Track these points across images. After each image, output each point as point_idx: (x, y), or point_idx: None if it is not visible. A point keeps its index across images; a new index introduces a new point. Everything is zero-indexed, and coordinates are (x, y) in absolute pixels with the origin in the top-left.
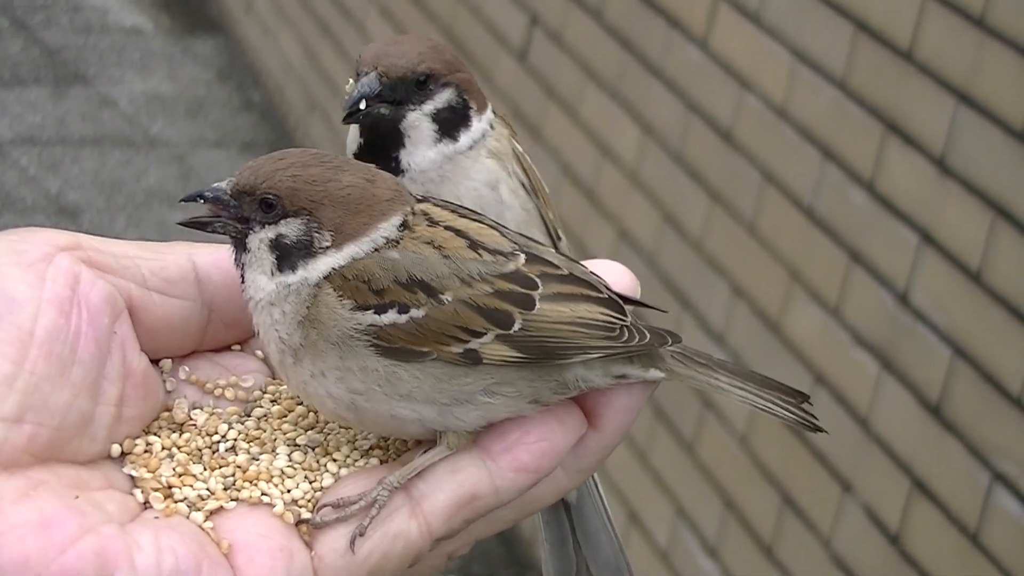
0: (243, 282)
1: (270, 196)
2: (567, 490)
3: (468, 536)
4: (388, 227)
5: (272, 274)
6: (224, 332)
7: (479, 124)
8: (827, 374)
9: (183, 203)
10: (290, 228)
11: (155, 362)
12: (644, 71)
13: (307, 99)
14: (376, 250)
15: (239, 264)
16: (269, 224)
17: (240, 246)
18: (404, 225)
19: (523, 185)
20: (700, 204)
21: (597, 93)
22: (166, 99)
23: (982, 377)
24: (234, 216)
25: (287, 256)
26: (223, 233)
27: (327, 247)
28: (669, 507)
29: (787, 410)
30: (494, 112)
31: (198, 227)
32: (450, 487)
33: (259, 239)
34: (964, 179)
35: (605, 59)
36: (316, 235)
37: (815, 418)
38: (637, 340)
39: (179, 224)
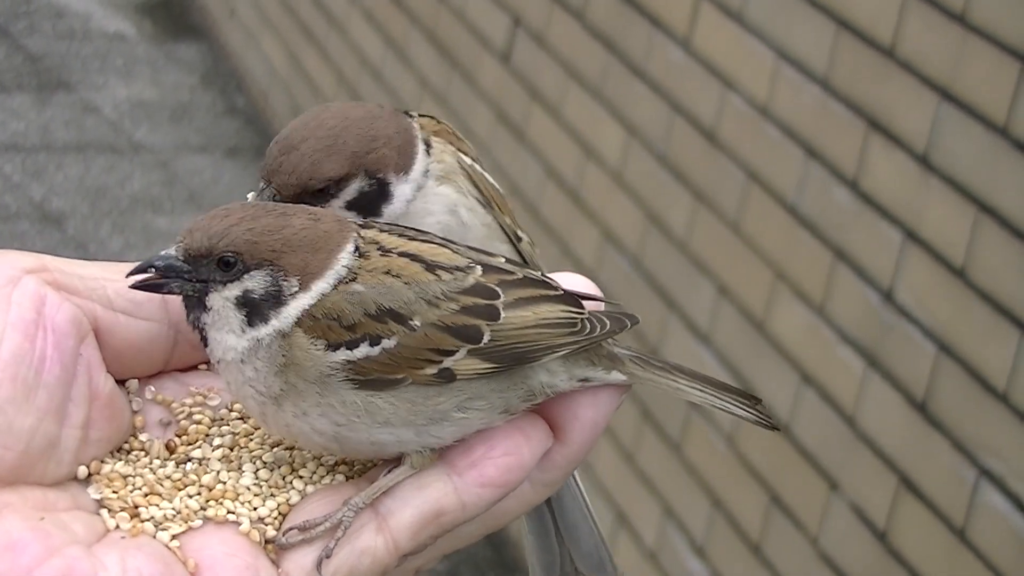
0: (204, 343)
1: (229, 255)
2: (533, 504)
3: (435, 551)
4: (345, 256)
5: (242, 331)
6: (190, 352)
7: (405, 186)
8: (813, 373)
9: (132, 276)
10: (255, 282)
11: (121, 382)
12: (627, 72)
13: (291, 103)
14: (341, 281)
15: (197, 325)
16: (231, 282)
17: (198, 306)
18: (357, 251)
19: (479, 201)
20: (684, 204)
21: (580, 94)
22: (150, 105)
23: (967, 374)
24: (189, 278)
25: (256, 310)
26: (178, 293)
27: (296, 291)
28: (657, 507)
29: (744, 409)
30: (432, 134)
31: (151, 290)
32: (416, 503)
33: (222, 298)
34: (947, 176)
35: (588, 60)
36: (283, 283)
37: (770, 418)
38: (599, 330)
39: (131, 288)
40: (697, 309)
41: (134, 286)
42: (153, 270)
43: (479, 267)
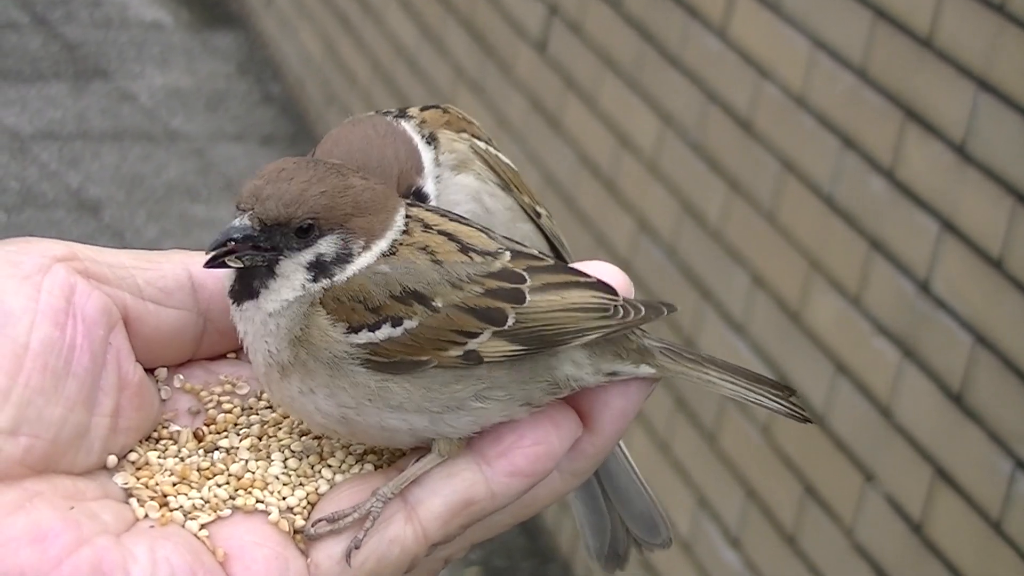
0: (252, 298)
1: (307, 221)
2: (563, 494)
3: (464, 540)
4: (400, 219)
5: (303, 288)
6: (219, 341)
7: (430, 182)
8: (848, 363)
9: (212, 253)
10: (328, 246)
11: (150, 371)
12: (662, 61)
13: (326, 92)
14: (394, 243)
15: (261, 286)
16: (306, 248)
17: (265, 273)
18: (407, 218)
19: (498, 185)
20: (719, 193)
21: (616, 83)
22: (186, 93)
23: (1004, 364)
24: (263, 247)
25: (324, 269)
26: (250, 265)
27: (361, 251)
28: (691, 497)
29: (776, 402)
30: (443, 126)
31: (223, 267)
32: (446, 492)
33: (295, 264)
34: (984, 166)
35: (624, 49)
36: (353, 245)
37: (803, 410)
38: (634, 315)
39: (206, 266)
40: (732, 299)
41: (209, 265)
42: (233, 243)
43: (508, 252)
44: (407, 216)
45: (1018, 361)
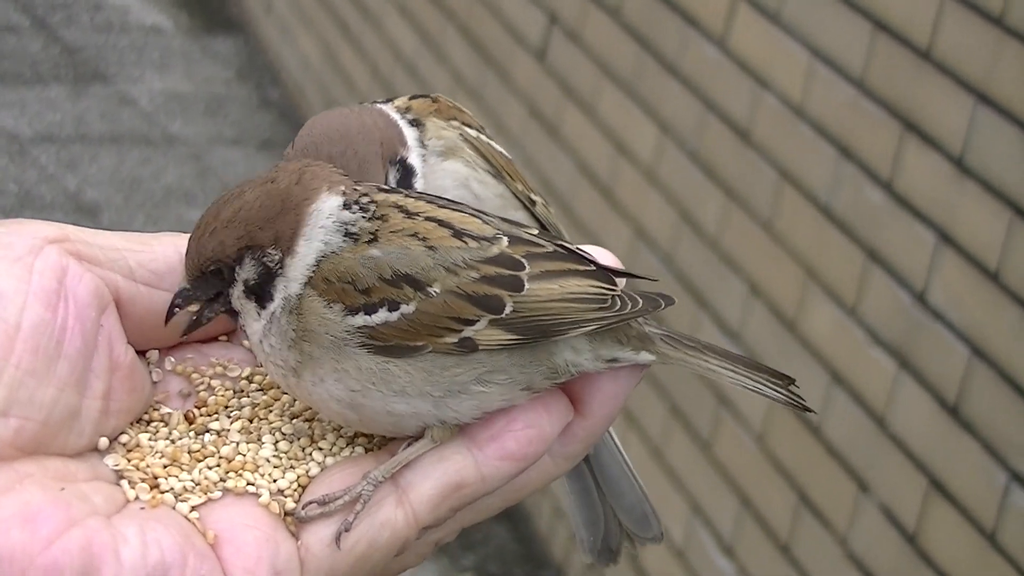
0: (247, 336)
1: (211, 265)
2: (554, 477)
3: (455, 524)
4: (325, 207)
5: (259, 315)
6: (211, 323)
7: (418, 159)
8: (844, 373)
9: (169, 324)
10: (245, 272)
11: (142, 353)
12: (661, 70)
13: (325, 98)
14: (344, 234)
15: (241, 327)
16: (232, 283)
17: (232, 314)
18: (352, 203)
19: (488, 172)
20: (717, 202)
21: (614, 92)
22: (185, 97)
23: (999, 376)
24: (211, 298)
25: (262, 292)
26: (217, 315)
27: (281, 259)
28: (685, 505)
29: (776, 390)
30: (432, 113)
31: (195, 327)
32: (436, 476)
33: (235, 298)
34: (982, 178)
35: (622, 58)
36: (266, 259)
37: (803, 399)
38: (630, 308)
39: (184, 333)
40: (728, 307)
41: (185, 333)
42: (178, 308)
43: (506, 238)
44: (359, 201)
45: (1014, 373)
